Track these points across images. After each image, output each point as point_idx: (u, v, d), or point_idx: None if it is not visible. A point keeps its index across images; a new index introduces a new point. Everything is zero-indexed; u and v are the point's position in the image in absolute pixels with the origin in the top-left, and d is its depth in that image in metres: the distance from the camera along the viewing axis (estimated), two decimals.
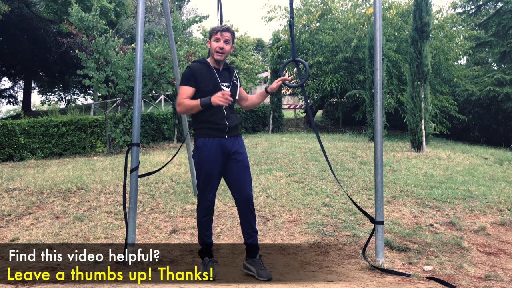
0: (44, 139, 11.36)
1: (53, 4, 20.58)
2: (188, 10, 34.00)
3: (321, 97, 17.89)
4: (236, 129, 3.20)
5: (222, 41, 3.12)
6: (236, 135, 3.19)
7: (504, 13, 18.52)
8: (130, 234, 3.34)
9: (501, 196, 6.06)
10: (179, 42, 11.09)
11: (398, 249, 3.97)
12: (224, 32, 3.13)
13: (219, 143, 3.09)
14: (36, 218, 4.87)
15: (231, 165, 3.13)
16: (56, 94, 33.49)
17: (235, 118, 3.20)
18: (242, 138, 3.31)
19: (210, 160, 3.07)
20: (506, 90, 16.42)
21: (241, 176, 3.13)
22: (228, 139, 3.12)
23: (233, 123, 3.15)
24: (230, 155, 3.12)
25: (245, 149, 3.23)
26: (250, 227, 3.16)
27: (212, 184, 3.10)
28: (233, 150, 3.13)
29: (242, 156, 3.16)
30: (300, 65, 3.60)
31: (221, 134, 3.11)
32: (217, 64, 3.19)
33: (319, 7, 16.77)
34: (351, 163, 8.00)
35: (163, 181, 6.36)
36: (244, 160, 3.16)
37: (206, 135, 3.10)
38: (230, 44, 3.17)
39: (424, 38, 9.88)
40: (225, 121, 3.11)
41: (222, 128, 3.10)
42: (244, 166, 3.15)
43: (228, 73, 3.24)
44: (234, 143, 3.15)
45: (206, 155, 3.07)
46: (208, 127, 3.10)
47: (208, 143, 3.08)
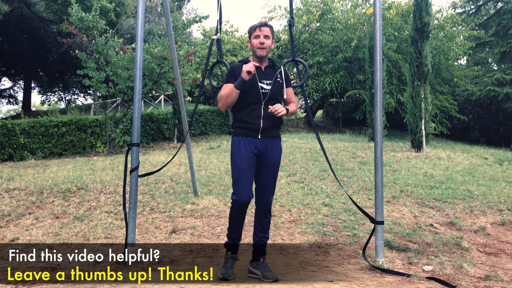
0: (44, 139, 11.36)
1: (53, 4, 20.58)
2: (188, 10, 34.01)
3: (321, 97, 17.91)
4: (272, 130, 3.12)
5: (262, 36, 3.06)
6: (271, 136, 3.12)
7: (504, 13, 18.53)
8: (130, 234, 3.33)
9: (501, 196, 6.06)
10: (179, 42, 11.09)
11: (398, 249, 3.97)
12: (262, 27, 3.07)
13: (251, 143, 3.04)
14: (36, 218, 4.86)
15: (259, 167, 3.09)
16: (56, 94, 33.50)
17: (273, 119, 3.10)
18: (279, 141, 3.20)
19: (241, 157, 3.03)
20: (506, 90, 16.43)
21: (264, 180, 3.10)
22: (261, 139, 3.06)
23: (268, 124, 3.08)
24: (260, 156, 3.07)
25: (277, 153, 3.14)
26: (262, 231, 3.15)
27: (242, 181, 3.00)
28: (263, 151, 3.07)
29: (271, 160, 3.09)
30: (300, 65, 3.60)
31: (254, 134, 3.06)
32: (259, 62, 3.12)
33: (319, 7, 16.78)
34: (351, 163, 8.00)
35: (163, 181, 6.36)
36: (272, 165, 3.10)
37: (239, 134, 3.08)
38: (270, 39, 3.10)
39: (424, 38, 9.88)
40: (260, 120, 3.05)
41: (255, 128, 3.05)
42: (270, 171, 3.09)
43: (272, 71, 3.15)
44: (267, 145, 3.08)
45: (237, 152, 3.05)
46: (243, 126, 3.08)
47: (241, 141, 3.06)
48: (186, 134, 4.84)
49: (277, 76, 3.15)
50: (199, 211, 4.94)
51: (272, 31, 3.13)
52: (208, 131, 15.93)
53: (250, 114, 3.06)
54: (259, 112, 3.06)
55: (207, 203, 5.23)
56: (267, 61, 3.18)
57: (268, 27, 3.09)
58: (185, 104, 5.91)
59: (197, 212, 4.93)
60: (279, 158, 3.17)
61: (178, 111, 12.79)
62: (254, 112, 3.06)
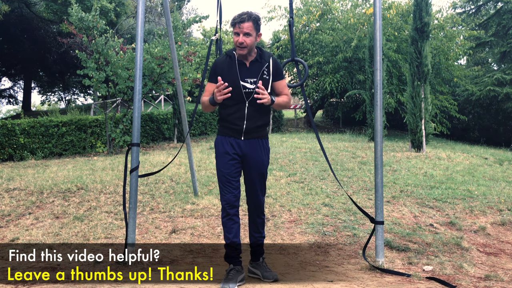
0: (44, 139, 11.35)
1: (53, 4, 20.58)
2: (188, 10, 34.01)
3: (321, 97, 17.90)
4: (257, 131, 2.97)
5: (242, 34, 2.82)
6: (256, 137, 2.97)
7: (504, 13, 18.53)
8: (130, 234, 3.33)
9: (501, 196, 6.06)
10: (179, 42, 11.09)
11: (398, 249, 3.97)
12: (242, 24, 2.80)
13: (234, 143, 2.95)
14: (36, 218, 4.86)
15: (245, 168, 3.00)
16: (56, 94, 33.50)
17: (259, 119, 2.94)
18: (266, 140, 3.04)
19: (223, 159, 2.95)
20: (506, 90, 16.43)
21: (252, 182, 3.01)
22: (245, 141, 2.95)
23: (252, 125, 2.93)
24: (244, 157, 2.97)
25: (263, 153, 3.00)
26: (257, 231, 3.11)
27: (227, 184, 2.92)
28: (247, 153, 2.96)
29: (256, 161, 2.97)
30: (300, 65, 3.59)
31: (237, 135, 2.95)
32: (243, 58, 2.91)
33: (319, 7, 16.78)
34: (351, 163, 8.00)
35: (163, 181, 6.36)
36: (258, 167, 2.98)
37: (223, 133, 2.99)
38: (252, 35, 2.83)
39: (424, 38, 9.88)
40: (244, 122, 2.91)
41: (238, 129, 2.93)
42: (256, 172, 2.99)
43: (258, 66, 2.92)
44: (252, 146, 2.96)
45: (220, 155, 2.96)
46: (226, 126, 2.98)
47: (223, 141, 2.97)
48: (186, 134, 4.83)
49: (264, 72, 2.93)
50: (199, 211, 4.94)
51: (256, 24, 2.85)
52: (208, 131, 15.93)
53: (233, 114, 2.92)
54: (242, 113, 2.90)
55: (207, 203, 5.23)
56: (253, 54, 2.94)
57: (249, 22, 2.81)
58: (185, 104, 5.91)
59: (197, 212, 4.93)
60: (267, 157, 3.04)
61: (178, 111, 12.78)
62: (237, 112, 2.91)
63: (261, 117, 2.96)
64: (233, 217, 2.94)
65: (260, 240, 3.13)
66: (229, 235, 2.94)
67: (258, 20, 2.89)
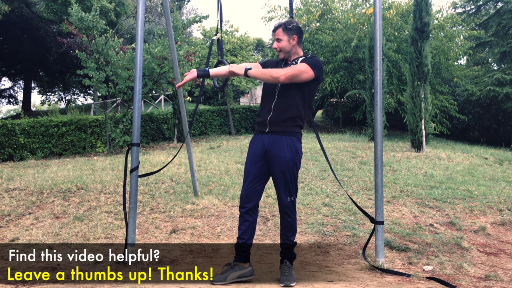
0: (44, 139, 11.35)
1: (53, 4, 20.58)
2: (188, 10, 34.02)
3: (321, 97, 17.90)
4: (282, 125, 2.90)
5: (276, 41, 3.05)
6: (281, 132, 2.90)
7: (504, 13, 18.54)
8: (130, 234, 3.33)
9: (501, 196, 6.06)
10: (179, 42, 11.09)
11: (398, 249, 3.97)
12: (274, 32, 3.05)
13: (260, 140, 2.96)
14: (36, 218, 4.86)
15: (269, 166, 2.95)
16: (56, 94, 33.52)
17: (285, 111, 2.90)
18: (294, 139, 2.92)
19: (249, 156, 2.98)
20: (506, 90, 16.44)
21: (275, 181, 2.96)
22: (269, 135, 2.92)
23: (277, 116, 2.90)
24: (267, 153, 2.93)
25: (286, 151, 2.88)
26: (283, 233, 3.03)
27: (245, 181, 2.96)
28: (269, 149, 2.91)
29: (278, 159, 2.88)
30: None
31: (263, 128, 2.96)
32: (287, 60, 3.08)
33: (319, 7, 16.79)
34: (351, 163, 8.00)
35: (163, 181, 6.36)
36: (280, 164, 2.88)
37: (255, 131, 3.06)
38: (285, 39, 3.00)
39: (424, 38, 9.88)
40: (270, 113, 2.93)
41: (264, 121, 2.96)
42: (278, 170, 2.90)
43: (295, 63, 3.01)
44: (274, 141, 2.90)
45: (249, 151, 3.01)
46: (257, 121, 3.05)
47: (254, 139, 3.02)
48: (186, 134, 4.83)
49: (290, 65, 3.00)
50: (199, 211, 4.94)
51: (285, 29, 3.00)
52: (208, 131, 15.94)
53: (264, 108, 3.00)
54: (270, 105, 2.96)
55: (207, 203, 5.23)
56: (296, 56, 3.06)
57: (279, 29, 3.02)
58: (185, 104, 5.91)
59: (197, 212, 4.93)
60: (291, 156, 2.89)
61: (178, 111, 12.79)
62: (267, 104, 2.98)
63: (287, 109, 2.91)
64: (244, 215, 2.99)
65: (287, 242, 3.02)
66: (239, 231, 3.02)
67: (287, 24, 3.02)
